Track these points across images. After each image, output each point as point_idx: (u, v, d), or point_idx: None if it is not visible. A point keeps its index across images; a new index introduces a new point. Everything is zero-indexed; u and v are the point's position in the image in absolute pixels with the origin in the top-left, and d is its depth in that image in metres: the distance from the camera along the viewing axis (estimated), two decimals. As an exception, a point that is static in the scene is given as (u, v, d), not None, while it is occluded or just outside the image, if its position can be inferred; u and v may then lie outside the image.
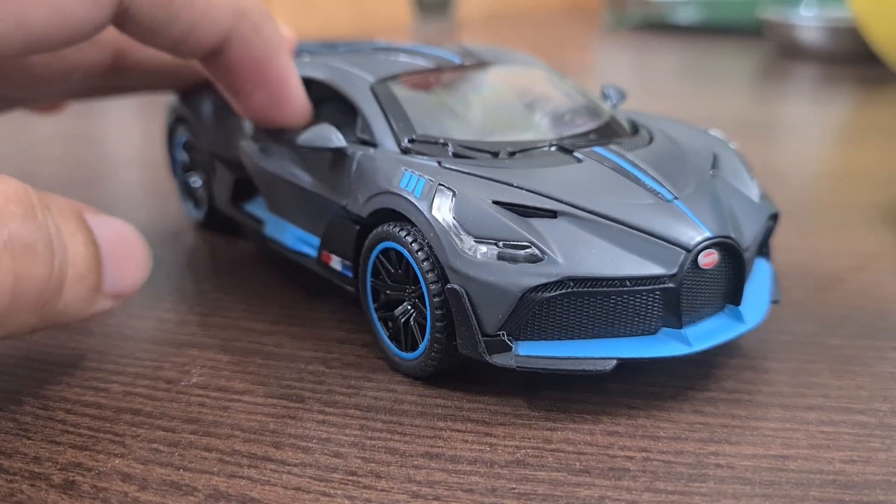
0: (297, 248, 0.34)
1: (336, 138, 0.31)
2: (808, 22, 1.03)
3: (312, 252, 0.33)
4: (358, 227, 0.30)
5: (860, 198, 0.50)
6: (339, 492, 0.23)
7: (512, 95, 0.35)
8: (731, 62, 1.07)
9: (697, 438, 0.25)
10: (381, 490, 0.23)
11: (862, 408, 0.27)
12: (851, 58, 0.96)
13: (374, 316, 0.30)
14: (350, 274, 0.31)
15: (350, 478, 0.23)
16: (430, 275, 0.26)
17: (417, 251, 0.27)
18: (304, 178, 0.33)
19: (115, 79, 0.36)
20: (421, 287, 0.27)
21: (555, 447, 0.25)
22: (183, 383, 0.29)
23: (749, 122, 0.71)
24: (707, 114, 0.74)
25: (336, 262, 0.31)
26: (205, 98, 0.41)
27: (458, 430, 0.26)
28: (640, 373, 0.29)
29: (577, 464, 0.24)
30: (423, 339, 0.28)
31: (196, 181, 0.44)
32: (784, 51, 1.05)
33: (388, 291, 0.29)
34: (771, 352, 0.31)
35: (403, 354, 0.29)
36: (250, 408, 0.27)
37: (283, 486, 0.23)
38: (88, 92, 0.38)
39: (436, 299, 0.26)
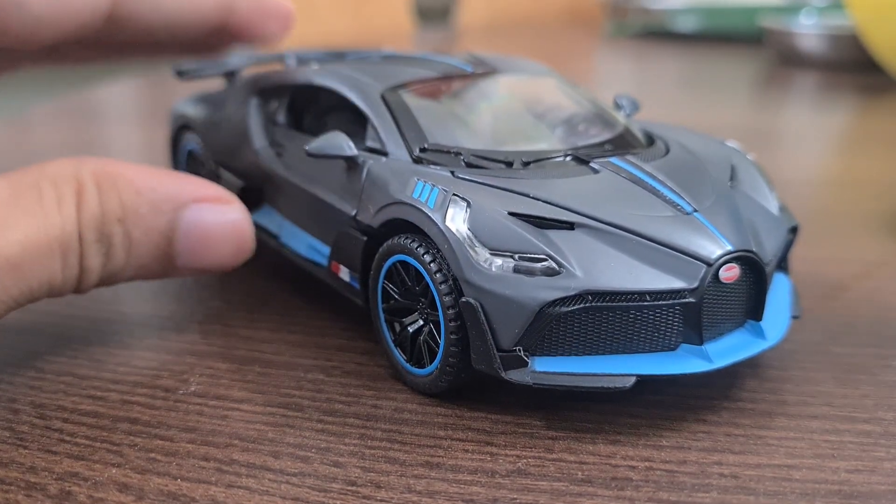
0: (310, 256, 0.33)
1: (347, 146, 0.30)
2: (809, 30, 1.03)
3: (323, 261, 0.32)
4: (366, 239, 0.29)
5: (862, 206, 0.50)
6: (338, 502, 0.23)
7: (524, 104, 0.34)
8: (732, 70, 1.07)
9: (700, 448, 0.25)
10: (381, 500, 0.23)
11: (867, 417, 0.27)
12: (852, 66, 0.96)
13: (387, 332, 0.29)
14: (357, 285, 0.30)
15: (349, 488, 0.23)
16: (443, 288, 0.26)
17: (431, 263, 0.26)
18: (316, 186, 0.32)
19: (110, 32, 0.36)
20: (434, 301, 0.26)
21: (556, 457, 0.25)
22: (181, 392, 0.28)
23: (750, 129, 0.71)
24: (708, 121, 0.74)
25: (344, 273, 0.31)
26: (210, 105, 0.41)
27: (459, 440, 0.26)
28: (642, 381, 0.28)
29: (580, 473, 0.24)
30: (433, 358, 0.27)
31: None
32: (785, 59, 1.05)
33: (397, 298, 0.28)
34: (775, 360, 0.30)
35: (416, 370, 0.28)
36: (249, 416, 0.27)
37: (281, 496, 0.23)
38: (78, 50, 0.38)
39: (450, 312, 0.26)
